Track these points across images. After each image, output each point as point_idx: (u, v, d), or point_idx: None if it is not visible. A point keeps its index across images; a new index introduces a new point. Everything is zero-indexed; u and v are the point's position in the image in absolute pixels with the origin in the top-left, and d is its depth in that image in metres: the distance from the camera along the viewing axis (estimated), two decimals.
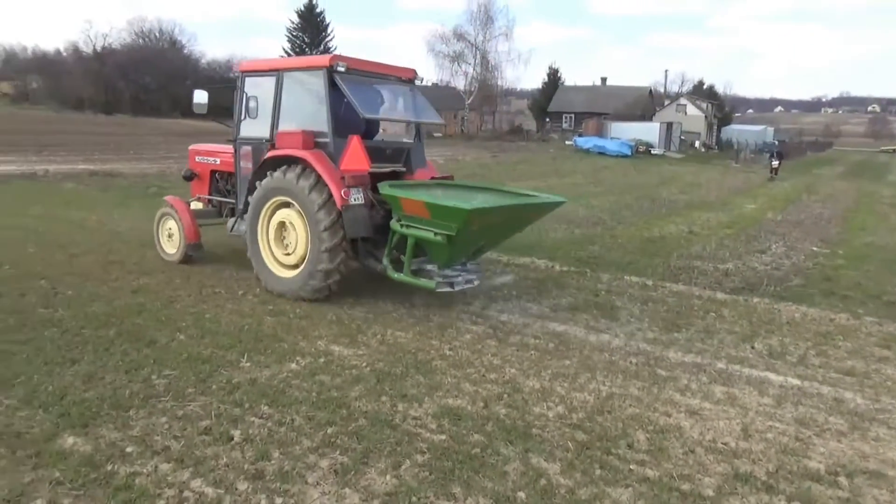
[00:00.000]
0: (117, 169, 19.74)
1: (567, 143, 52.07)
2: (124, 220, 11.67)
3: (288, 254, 7.20)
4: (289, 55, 75.12)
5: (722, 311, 7.57)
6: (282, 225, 7.23)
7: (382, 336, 6.09)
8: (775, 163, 34.35)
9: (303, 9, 78.06)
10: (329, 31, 79.34)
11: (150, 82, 66.55)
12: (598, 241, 12.02)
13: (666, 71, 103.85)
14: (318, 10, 78.92)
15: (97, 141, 31.47)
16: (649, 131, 50.83)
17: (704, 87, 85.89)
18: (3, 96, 76.65)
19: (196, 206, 8.98)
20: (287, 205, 7.13)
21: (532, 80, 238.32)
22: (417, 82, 8.25)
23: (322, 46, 79.17)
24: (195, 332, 5.90)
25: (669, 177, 30.42)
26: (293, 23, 78.42)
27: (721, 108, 79.19)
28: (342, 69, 7.04)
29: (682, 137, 57.86)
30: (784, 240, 13.04)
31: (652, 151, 46.82)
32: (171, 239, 8.65)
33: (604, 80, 71.64)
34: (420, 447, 4.03)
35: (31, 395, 4.45)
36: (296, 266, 7.12)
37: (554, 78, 73.38)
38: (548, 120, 68.71)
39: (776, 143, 64.20)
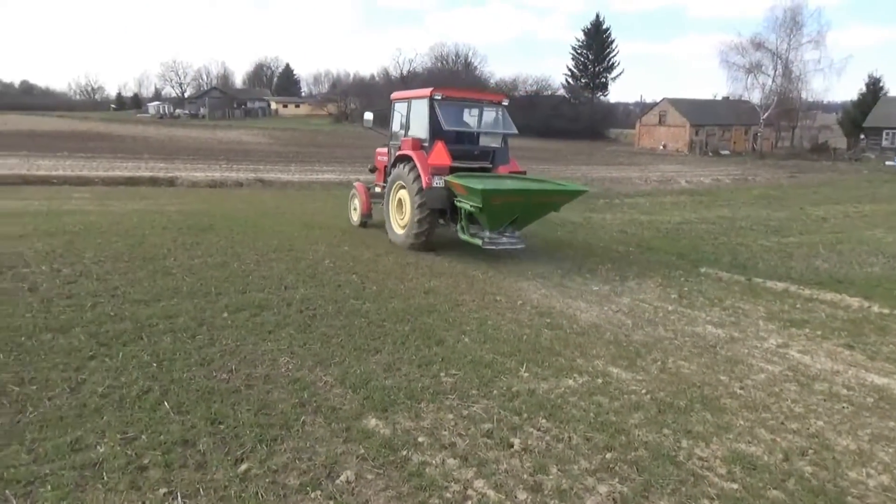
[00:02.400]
0: None
1: (887, 163, 44.58)
2: None
3: (402, 218, 10.64)
4: (571, 72, 76.38)
5: None
6: (400, 201, 10.69)
7: (663, 363, 5.76)
8: None
9: (589, 26, 78.87)
10: (613, 46, 79.04)
11: None
12: None
13: None
14: (604, 26, 79.06)
15: None
16: None
17: None
18: (328, 115, 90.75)
19: (376, 190, 12.51)
20: (403, 187, 10.44)
21: (844, 91, 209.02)
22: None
23: (606, 62, 79.07)
24: (478, 337, 6.21)
25: None
26: (578, 41, 79.65)
27: None
28: (438, 97, 10.31)
29: None
30: None
31: None
32: (355, 211, 12.67)
33: None
34: (707, 492, 3.70)
35: (344, 376, 5.09)
36: (405, 227, 10.41)
37: (874, 88, 63.01)
38: (862, 137, 59.14)
39: None
